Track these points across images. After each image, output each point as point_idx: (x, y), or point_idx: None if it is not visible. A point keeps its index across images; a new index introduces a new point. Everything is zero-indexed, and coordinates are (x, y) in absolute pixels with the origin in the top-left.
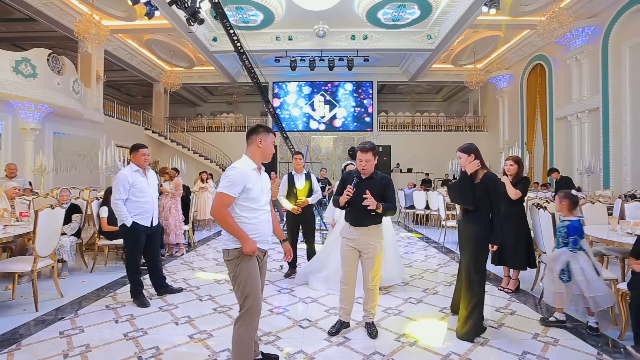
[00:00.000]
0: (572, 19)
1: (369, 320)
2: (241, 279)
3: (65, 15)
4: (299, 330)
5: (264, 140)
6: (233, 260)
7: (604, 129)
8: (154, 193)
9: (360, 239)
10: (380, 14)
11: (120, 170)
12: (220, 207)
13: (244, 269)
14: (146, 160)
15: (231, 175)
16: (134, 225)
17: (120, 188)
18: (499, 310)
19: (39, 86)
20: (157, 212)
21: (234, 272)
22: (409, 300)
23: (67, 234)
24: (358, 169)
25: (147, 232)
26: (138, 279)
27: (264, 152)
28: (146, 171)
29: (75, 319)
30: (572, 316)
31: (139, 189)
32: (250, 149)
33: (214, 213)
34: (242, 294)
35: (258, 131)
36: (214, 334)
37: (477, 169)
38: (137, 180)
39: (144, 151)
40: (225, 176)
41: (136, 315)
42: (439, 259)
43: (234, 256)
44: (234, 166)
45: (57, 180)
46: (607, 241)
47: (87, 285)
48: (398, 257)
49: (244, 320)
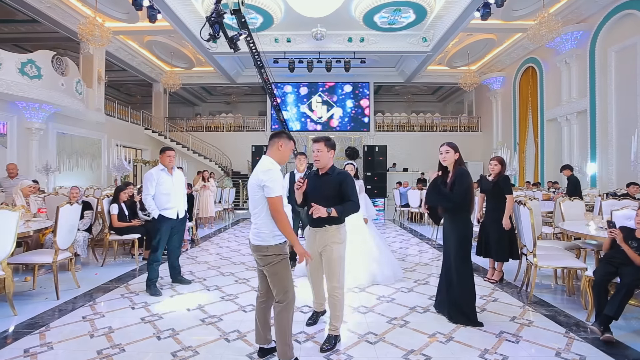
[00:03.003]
0: (561, 25)
1: (332, 333)
2: (282, 274)
3: (68, 17)
4: (299, 315)
5: (284, 145)
6: (272, 256)
7: (591, 131)
8: (179, 189)
9: (319, 240)
10: (377, 18)
11: (149, 170)
12: (282, 208)
13: (284, 264)
14: (171, 161)
15: (277, 176)
16: (160, 218)
17: (148, 185)
18: (482, 298)
19: (43, 87)
20: (184, 206)
21: (274, 268)
22: (401, 289)
23: (80, 229)
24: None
25: (173, 225)
26: (156, 268)
27: (282, 155)
28: (172, 170)
29: (95, 306)
30: (548, 302)
31: (164, 186)
32: (271, 151)
33: (280, 215)
34: (283, 288)
35: (281, 136)
36: (223, 318)
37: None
38: (162, 178)
39: (170, 153)
40: (270, 179)
41: (150, 303)
42: (431, 254)
43: (274, 252)
44: (270, 167)
45: (60, 179)
46: (580, 234)
47: (100, 277)
48: (390, 256)
49: (287, 311)
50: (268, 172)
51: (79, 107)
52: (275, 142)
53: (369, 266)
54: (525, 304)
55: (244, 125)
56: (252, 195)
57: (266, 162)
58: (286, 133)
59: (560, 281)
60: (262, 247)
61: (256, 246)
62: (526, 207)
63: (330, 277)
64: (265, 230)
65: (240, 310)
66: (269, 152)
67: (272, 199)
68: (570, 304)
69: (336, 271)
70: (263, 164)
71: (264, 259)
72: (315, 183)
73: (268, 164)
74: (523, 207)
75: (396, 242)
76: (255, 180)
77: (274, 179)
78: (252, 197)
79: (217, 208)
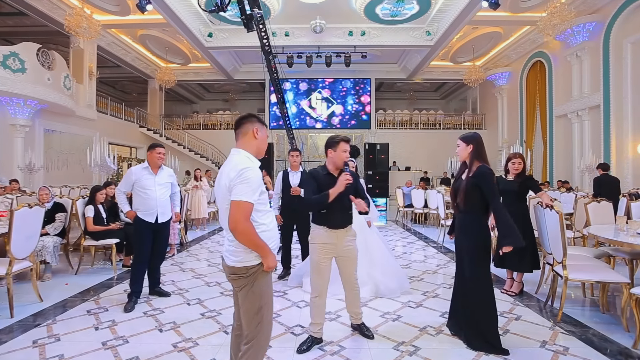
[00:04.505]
0: (574, 15)
1: (360, 322)
2: (261, 299)
3: (55, 9)
4: (290, 338)
5: (260, 131)
6: (250, 277)
7: (604, 127)
8: (160, 191)
9: (340, 242)
10: (379, 9)
11: (131, 167)
12: (245, 219)
13: (264, 287)
14: (160, 158)
15: (251, 179)
16: (137, 220)
17: (123, 182)
18: (503, 315)
19: (27, 81)
20: (166, 210)
21: (252, 292)
22: (408, 304)
23: (51, 234)
24: (343, 160)
25: (153, 228)
26: (139, 279)
27: (260, 146)
28: (159, 170)
29: (53, 326)
30: (580, 321)
31: (142, 186)
32: (244, 141)
33: (239, 228)
34: (258, 319)
35: (252, 120)
36: (199, 342)
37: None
38: (143, 177)
39: (159, 150)
40: (243, 180)
41: (118, 321)
42: (438, 260)
43: (252, 272)
44: (247, 165)
45: (48, 179)
46: (616, 242)
47: (71, 287)
48: (396, 265)
49: (253, 353)
50: (244, 171)
51: (67, 103)
52: (248, 129)
53: (371, 276)
54: (554, 324)
55: None
56: (222, 204)
57: (241, 158)
58: (256, 116)
59: (589, 293)
60: (241, 268)
61: (233, 267)
62: (554, 211)
63: (353, 271)
64: (243, 248)
65: (222, 332)
66: (241, 142)
67: (236, 204)
68: (607, 324)
69: (356, 264)
70: (237, 160)
71: (238, 282)
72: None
73: (244, 160)
74: (550, 210)
75: (399, 245)
76: (226, 181)
77: (249, 179)
78: (222, 205)
79: (210, 209)
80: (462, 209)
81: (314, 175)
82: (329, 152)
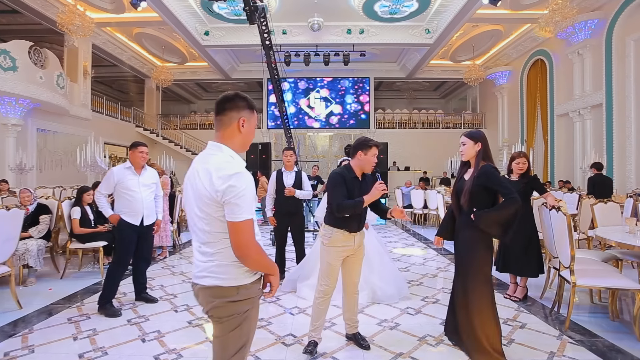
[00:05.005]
0: (576, 12)
1: (355, 331)
2: (248, 334)
3: (48, 7)
4: (281, 348)
5: (247, 123)
6: (242, 303)
7: (607, 126)
8: (145, 192)
9: (356, 243)
10: (377, 7)
11: (112, 167)
12: (254, 239)
13: (254, 317)
14: (143, 158)
15: (247, 189)
16: (121, 223)
17: (103, 184)
18: (507, 323)
19: (19, 80)
20: (151, 212)
21: (240, 326)
22: (407, 310)
23: (34, 237)
24: (371, 164)
25: (138, 231)
26: (116, 282)
27: (245, 140)
28: (142, 170)
29: (29, 336)
30: (589, 329)
31: (126, 187)
32: (226, 134)
33: (252, 252)
34: (237, 347)
35: (239, 105)
36: (183, 354)
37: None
38: (126, 177)
39: (142, 149)
40: (239, 193)
41: (99, 330)
42: (438, 262)
43: (247, 295)
44: (236, 171)
45: (41, 179)
46: (626, 245)
47: (54, 293)
48: (394, 270)
49: None
50: (237, 180)
51: (60, 103)
52: (232, 119)
53: (368, 280)
54: (561, 333)
55: None
56: (198, 214)
57: (224, 159)
58: (244, 99)
59: (596, 298)
60: (231, 289)
61: (217, 289)
62: (561, 213)
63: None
64: (231, 261)
65: (208, 341)
66: (222, 135)
67: (239, 226)
68: (617, 332)
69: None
70: (219, 161)
71: (227, 307)
72: (361, 185)
73: (230, 163)
74: (557, 212)
75: (398, 247)
76: (207, 188)
77: (244, 190)
78: (198, 216)
79: None
80: (465, 211)
81: (344, 177)
82: (359, 154)
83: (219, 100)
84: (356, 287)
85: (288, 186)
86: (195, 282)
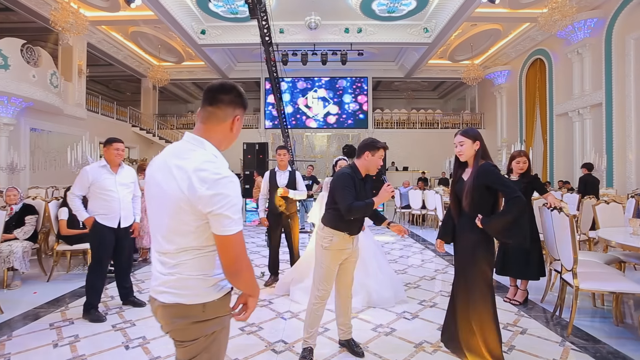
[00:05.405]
0: (575, 10)
1: (349, 337)
2: (214, 349)
3: (42, 5)
4: (271, 356)
5: (240, 122)
6: (211, 323)
7: (607, 126)
8: (123, 192)
9: (354, 246)
10: (375, 5)
11: (85, 166)
12: (245, 254)
13: (224, 343)
14: (119, 155)
15: (236, 196)
16: (97, 225)
17: (76, 184)
18: (507, 328)
19: (11, 78)
20: (129, 213)
21: (205, 340)
22: (403, 315)
23: (20, 238)
24: (377, 166)
25: (115, 234)
26: (97, 288)
27: (232, 141)
28: (119, 168)
29: (7, 343)
30: (592, 335)
31: (102, 187)
32: (215, 129)
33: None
34: None
35: (236, 101)
36: None
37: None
38: (101, 176)
39: (117, 145)
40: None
41: (82, 336)
42: (436, 264)
43: (215, 313)
44: (224, 175)
45: (34, 179)
46: (632, 248)
47: (39, 296)
48: (391, 274)
49: None
50: (222, 183)
51: (54, 102)
52: (227, 114)
53: (364, 284)
54: (564, 339)
55: None
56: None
57: (207, 157)
58: (238, 93)
59: (599, 302)
60: (195, 307)
61: (176, 307)
62: (564, 214)
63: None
64: (195, 274)
65: None
66: (209, 129)
67: (231, 240)
68: (621, 338)
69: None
70: (201, 160)
71: (191, 329)
72: (366, 187)
73: (216, 164)
74: (559, 213)
75: (396, 249)
76: (184, 191)
77: (233, 197)
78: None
79: None
80: (465, 213)
81: (353, 178)
82: (366, 154)
83: (214, 88)
84: (350, 291)
85: (281, 186)
86: (153, 297)
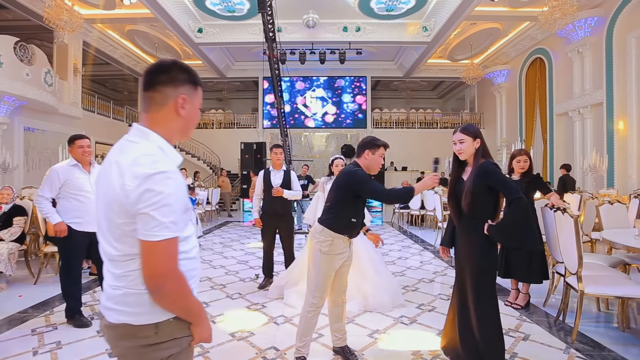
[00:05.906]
0: (576, 8)
1: (344, 344)
2: None
3: (36, 2)
4: None
5: (189, 103)
6: (165, 346)
7: (607, 125)
8: None
9: (351, 249)
10: (374, 3)
11: (54, 165)
12: (174, 267)
13: (184, 355)
14: (85, 152)
15: (172, 195)
16: (71, 232)
17: (45, 186)
18: (509, 334)
19: (4, 76)
20: None
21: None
22: (401, 320)
23: (6, 240)
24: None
25: (89, 240)
26: (73, 293)
27: (186, 126)
28: (90, 167)
29: None
30: (597, 341)
31: (76, 187)
32: (159, 117)
33: (167, 283)
34: None
35: (176, 80)
36: None
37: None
38: (74, 176)
39: (81, 142)
40: (159, 202)
41: (64, 343)
42: (435, 266)
43: (169, 336)
44: (160, 169)
45: (28, 179)
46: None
47: (25, 300)
48: (389, 278)
49: None
50: (154, 178)
51: (48, 100)
52: (167, 96)
53: (360, 288)
54: (569, 346)
55: (234, 122)
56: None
57: (148, 150)
58: (185, 69)
59: (603, 306)
60: (144, 327)
61: (123, 327)
62: (568, 215)
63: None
64: (144, 288)
65: None
66: (153, 119)
67: (153, 247)
68: (628, 345)
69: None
70: (138, 152)
71: (141, 354)
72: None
73: (155, 157)
74: (563, 214)
75: (394, 250)
76: (117, 190)
77: (167, 195)
78: (106, 226)
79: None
80: (465, 215)
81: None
82: (366, 152)
83: (148, 70)
84: (345, 295)
85: (276, 186)
86: (101, 314)
